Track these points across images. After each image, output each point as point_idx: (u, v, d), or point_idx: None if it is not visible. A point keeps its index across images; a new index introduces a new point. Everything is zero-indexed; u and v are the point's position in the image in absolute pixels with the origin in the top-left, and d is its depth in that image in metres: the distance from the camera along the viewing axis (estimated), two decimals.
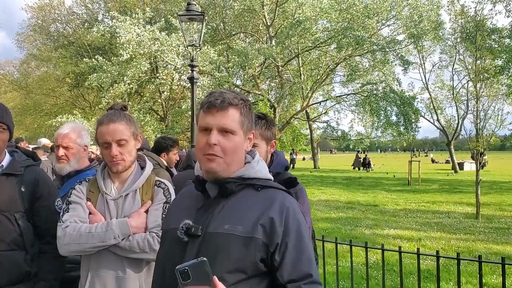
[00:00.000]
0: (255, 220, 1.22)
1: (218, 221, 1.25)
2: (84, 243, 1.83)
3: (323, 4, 19.77)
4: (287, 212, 1.25)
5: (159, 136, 4.38)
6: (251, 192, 1.30)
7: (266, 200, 1.27)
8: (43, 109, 29.22)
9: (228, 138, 1.28)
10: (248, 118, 1.33)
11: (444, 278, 5.27)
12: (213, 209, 1.28)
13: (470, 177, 19.57)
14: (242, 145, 1.32)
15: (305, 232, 1.27)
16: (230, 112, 1.29)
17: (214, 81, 18.73)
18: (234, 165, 1.31)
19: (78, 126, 2.71)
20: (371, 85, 22.49)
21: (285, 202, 1.27)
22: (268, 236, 1.21)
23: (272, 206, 1.25)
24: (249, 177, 1.31)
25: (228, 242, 1.21)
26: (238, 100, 1.30)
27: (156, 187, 2.01)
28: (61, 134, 2.56)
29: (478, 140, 10.97)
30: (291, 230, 1.23)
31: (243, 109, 1.31)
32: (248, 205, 1.27)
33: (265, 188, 1.31)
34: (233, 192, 1.29)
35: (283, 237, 1.22)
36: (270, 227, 1.21)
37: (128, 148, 1.95)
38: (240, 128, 1.30)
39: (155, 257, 1.87)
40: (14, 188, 2.03)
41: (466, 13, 22.20)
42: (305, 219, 1.33)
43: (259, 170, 1.34)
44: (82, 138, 2.65)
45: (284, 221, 1.23)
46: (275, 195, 1.29)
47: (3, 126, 2.03)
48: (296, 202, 1.34)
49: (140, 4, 23.98)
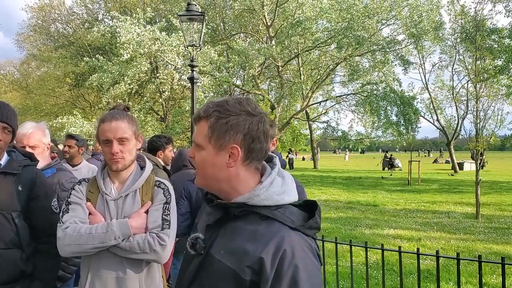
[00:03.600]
0: (246, 257, 1.09)
1: (218, 243, 1.17)
2: (84, 244, 1.83)
3: (323, 4, 19.76)
4: (282, 255, 1.07)
5: (151, 137, 4.38)
6: (255, 219, 1.15)
7: (263, 237, 1.11)
8: (43, 109, 29.22)
9: (198, 152, 1.21)
10: (220, 132, 1.16)
11: (444, 278, 5.28)
12: (218, 230, 1.20)
13: (470, 177, 19.57)
14: (213, 161, 1.18)
15: (304, 281, 1.06)
16: (199, 124, 1.20)
17: (214, 81, 18.73)
18: (215, 183, 1.20)
19: (41, 125, 2.72)
20: (371, 85, 22.49)
21: (283, 242, 1.08)
22: (258, 276, 1.07)
23: (267, 246, 1.08)
24: (254, 205, 1.15)
25: (219, 270, 1.12)
26: (210, 111, 1.18)
27: (156, 188, 2.01)
28: (26, 134, 2.56)
29: (478, 140, 10.97)
30: (283, 276, 1.05)
31: (212, 122, 1.17)
32: (246, 236, 1.13)
33: (270, 219, 1.14)
34: (236, 216, 1.17)
35: (273, 283, 1.05)
36: (259, 269, 1.07)
37: (129, 147, 1.95)
38: (208, 142, 1.18)
39: (156, 258, 1.89)
40: (11, 187, 2.03)
41: (466, 13, 22.18)
42: (317, 263, 1.13)
43: (266, 198, 1.15)
44: (46, 137, 2.66)
45: (277, 265, 1.06)
46: (275, 232, 1.11)
47: (9, 128, 2.04)
48: (304, 241, 1.13)
49: (140, 4, 23.98)
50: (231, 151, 1.17)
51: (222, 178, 1.19)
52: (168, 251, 1.91)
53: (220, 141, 1.17)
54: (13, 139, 2.14)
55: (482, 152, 11.77)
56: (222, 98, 1.25)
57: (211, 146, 1.18)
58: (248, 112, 1.18)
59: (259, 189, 1.16)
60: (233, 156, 1.17)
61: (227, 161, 1.17)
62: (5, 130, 2.03)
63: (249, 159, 1.19)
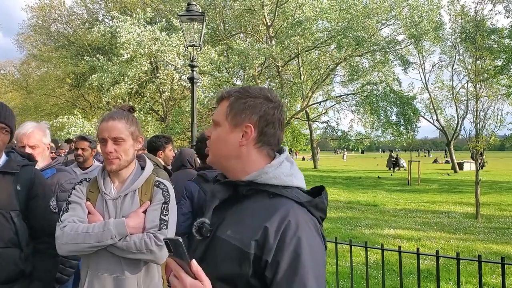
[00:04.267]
0: (252, 231, 1.10)
1: (226, 225, 1.18)
2: (81, 243, 1.83)
3: (323, 4, 19.76)
4: (286, 226, 1.07)
5: (150, 137, 4.38)
6: (263, 198, 1.17)
7: (270, 209, 1.12)
8: (44, 109, 29.22)
9: (214, 130, 1.26)
10: (238, 110, 1.22)
11: (443, 278, 5.28)
12: (225, 211, 1.21)
13: (470, 177, 19.57)
14: (227, 138, 1.23)
15: (307, 254, 1.05)
16: (220, 104, 1.27)
17: (214, 81, 18.73)
18: (224, 160, 1.24)
19: (41, 125, 2.70)
20: (371, 85, 22.48)
21: (288, 213, 1.10)
22: (261, 249, 1.07)
23: (273, 217, 1.09)
24: (262, 183, 1.17)
25: (225, 250, 1.13)
26: (232, 92, 1.25)
27: (156, 188, 2.01)
28: (26, 134, 2.55)
29: (477, 140, 10.97)
30: (286, 247, 1.05)
31: (232, 101, 1.23)
32: (253, 212, 1.14)
33: (277, 197, 1.15)
34: (245, 195, 1.19)
35: (275, 254, 1.05)
36: (263, 239, 1.07)
37: (124, 147, 1.93)
38: (225, 119, 1.23)
39: (152, 258, 1.89)
40: (10, 187, 2.04)
41: (466, 13, 22.19)
42: (321, 242, 1.13)
43: (274, 177, 1.17)
44: (46, 137, 2.65)
45: (280, 235, 1.06)
46: (282, 205, 1.12)
47: (6, 129, 2.05)
48: (310, 217, 1.14)
49: (140, 4, 23.99)
50: (245, 129, 1.21)
51: (233, 155, 1.23)
52: (165, 251, 1.90)
53: (236, 118, 1.22)
54: (11, 139, 2.15)
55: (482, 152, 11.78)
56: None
57: (227, 123, 1.23)
58: (266, 97, 1.24)
59: (268, 167, 1.19)
60: (246, 135, 1.21)
61: (240, 139, 1.21)
62: (3, 130, 2.03)
63: (261, 142, 1.23)
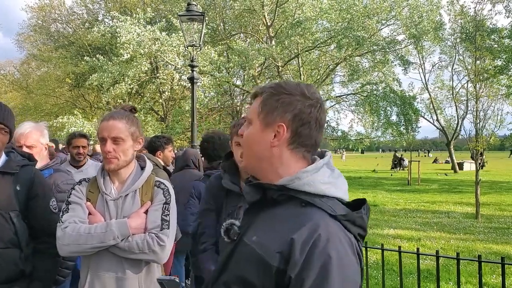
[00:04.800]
0: (277, 242, 1.01)
1: (253, 230, 1.10)
2: (83, 244, 1.83)
3: (323, 4, 19.76)
4: (316, 240, 0.96)
5: (151, 137, 4.38)
6: (295, 205, 1.07)
7: (299, 219, 1.02)
8: (44, 109, 29.21)
9: (247, 129, 1.18)
10: (270, 107, 1.13)
11: (443, 278, 5.28)
12: (255, 215, 1.13)
13: (470, 177, 19.57)
14: (259, 137, 1.14)
15: (336, 275, 0.94)
16: (254, 102, 1.18)
17: (214, 81, 18.72)
18: (256, 162, 1.15)
19: (39, 125, 2.70)
20: (371, 85, 22.49)
21: (319, 226, 0.99)
22: (285, 263, 0.98)
23: (301, 228, 0.99)
24: (294, 188, 1.07)
25: (248, 257, 1.05)
26: (265, 89, 1.16)
27: (156, 188, 2.01)
28: (23, 134, 2.55)
29: (477, 140, 10.97)
30: (313, 264, 0.94)
31: (264, 98, 1.15)
32: (282, 221, 1.05)
33: (310, 206, 1.05)
34: (276, 201, 1.09)
35: (301, 271, 0.95)
36: (288, 252, 0.98)
37: (124, 147, 1.92)
38: (257, 117, 1.14)
39: (155, 258, 1.89)
40: (9, 187, 2.03)
41: (466, 13, 22.19)
42: (355, 262, 1.01)
43: (309, 183, 1.06)
44: (44, 137, 2.64)
45: (308, 250, 0.96)
46: (313, 217, 1.02)
47: (5, 129, 2.05)
48: (344, 234, 1.02)
49: (140, 4, 23.98)
50: (277, 129, 1.12)
51: (265, 157, 1.14)
52: (167, 252, 1.91)
53: (268, 117, 1.13)
54: (11, 139, 2.15)
55: (482, 152, 11.78)
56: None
57: (258, 121, 1.14)
58: (303, 94, 1.13)
59: (302, 173, 1.09)
60: (278, 135, 1.12)
61: (271, 139, 1.13)
62: (2, 130, 2.03)
63: (295, 143, 1.13)
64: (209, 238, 2.15)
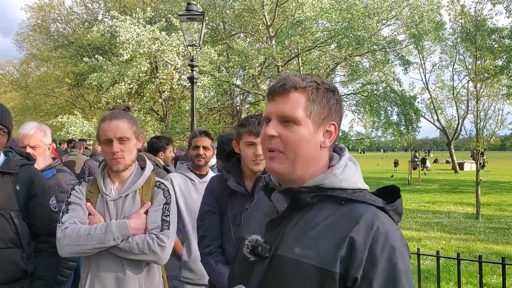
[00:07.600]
0: (333, 246, 0.95)
1: (289, 241, 1.01)
2: (83, 245, 1.82)
3: (323, 4, 19.75)
4: (375, 234, 0.93)
5: (151, 137, 4.40)
6: (332, 205, 1.00)
7: (349, 217, 0.97)
8: (43, 109, 29.21)
9: (290, 129, 1.02)
10: (321, 104, 1.02)
11: (444, 278, 5.27)
12: (285, 225, 1.04)
13: (470, 177, 19.57)
14: (310, 139, 1.02)
15: (403, 265, 0.93)
16: (291, 96, 1.02)
17: (214, 81, 18.71)
18: (302, 166, 1.03)
19: (42, 125, 2.72)
20: (372, 85, 22.49)
21: (374, 220, 0.95)
22: (347, 265, 0.92)
23: (356, 225, 0.94)
24: (330, 187, 1.01)
25: (297, 270, 0.97)
26: (307, 83, 1.02)
27: (156, 188, 2.00)
28: (27, 135, 2.55)
29: (478, 140, 10.97)
30: (379, 259, 0.91)
31: (311, 93, 1.02)
32: (326, 223, 0.98)
33: (351, 202, 0.99)
34: (308, 204, 1.01)
35: (366, 269, 0.91)
36: (349, 253, 0.92)
37: (129, 147, 1.93)
38: (307, 116, 1.01)
39: (155, 258, 1.88)
40: (9, 187, 2.03)
41: (466, 13, 22.19)
42: (407, 249, 0.99)
43: (344, 179, 1.01)
44: (47, 137, 2.65)
45: (369, 246, 0.92)
46: (362, 212, 0.97)
47: (4, 130, 2.04)
48: (393, 223, 1.00)
49: (140, 4, 23.97)
50: (328, 128, 1.03)
51: (312, 158, 1.03)
52: (167, 252, 1.90)
53: (320, 115, 1.02)
54: (9, 139, 2.14)
55: (483, 152, 11.77)
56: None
57: (310, 120, 1.02)
58: (335, 88, 1.06)
59: (336, 169, 1.02)
60: (329, 134, 1.04)
61: (321, 139, 1.03)
62: (0, 131, 2.02)
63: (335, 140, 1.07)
64: (214, 241, 2.10)
